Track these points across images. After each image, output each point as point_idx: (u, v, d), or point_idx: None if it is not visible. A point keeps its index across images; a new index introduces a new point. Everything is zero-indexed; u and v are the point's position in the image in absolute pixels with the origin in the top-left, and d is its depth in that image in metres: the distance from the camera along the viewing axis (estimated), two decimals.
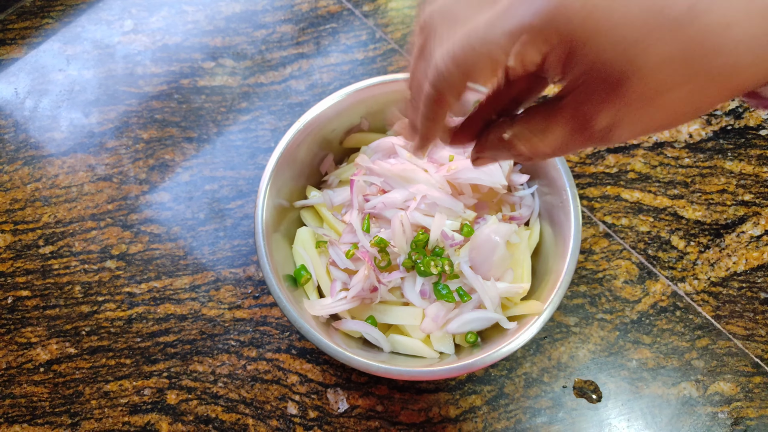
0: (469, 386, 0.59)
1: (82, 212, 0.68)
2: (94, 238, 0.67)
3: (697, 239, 0.65)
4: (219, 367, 0.61)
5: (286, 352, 0.61)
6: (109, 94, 0.75)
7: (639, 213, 0.66)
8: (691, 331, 0.61)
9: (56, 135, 0.72)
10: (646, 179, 0.67)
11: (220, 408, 0.59)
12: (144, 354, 0.62)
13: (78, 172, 0.70)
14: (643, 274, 0.63)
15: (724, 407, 0.58)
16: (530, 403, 0.59)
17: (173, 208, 0.68)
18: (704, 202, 0.66)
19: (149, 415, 0.59)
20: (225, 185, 0.69)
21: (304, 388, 0.60)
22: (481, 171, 0.53)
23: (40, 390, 0.61)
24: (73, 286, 0.65)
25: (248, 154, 0.71)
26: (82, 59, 0.77)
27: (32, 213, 0.68)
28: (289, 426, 0.58)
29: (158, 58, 0.76)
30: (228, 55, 0.76)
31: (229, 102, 0.73)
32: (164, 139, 0.72)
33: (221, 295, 0.64)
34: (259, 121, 0.72)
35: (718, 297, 0.62)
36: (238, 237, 0.67)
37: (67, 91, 0.75)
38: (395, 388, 0.59)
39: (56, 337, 0.63)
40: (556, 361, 0.60)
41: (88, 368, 0.61)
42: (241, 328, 0.62)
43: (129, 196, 0.69)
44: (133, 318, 0.63)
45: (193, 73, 0.75)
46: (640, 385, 0.59)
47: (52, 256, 0.66)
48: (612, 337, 0.61)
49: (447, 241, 0.51)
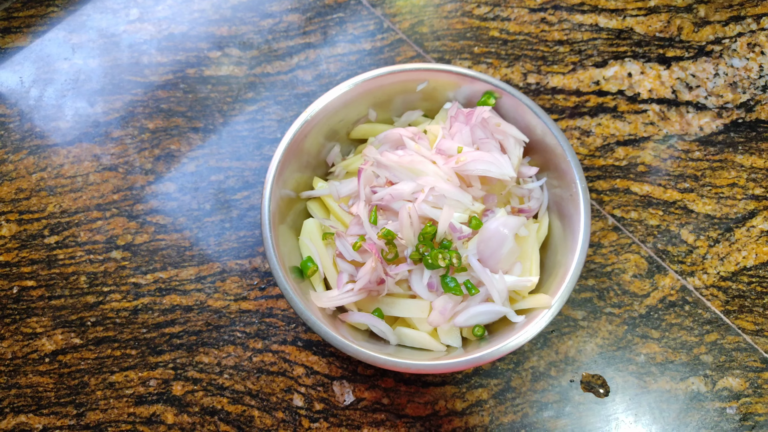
0: (475, 379, 0.59)
1: (88, 202, 0.68)
2: (99, 228, 0.67)
3: (707, 233, 0.64)
4: (225, 358, 0.61)
5: (292, 344, 0.61)
6: (114, 83, 0.74)
7: (648, 206, 0.65)
8: (700, 326, 0.61)
9: (61, 124, 0.72)
10: (655, 172, 0.67)
11: (226, 399, 0.59)
12: (149, 345, 0.61)
13: (83, 161, 0.70)
14: (652, 268, 0.63)
15: (733, 403, 0.58)
16: (537, 397, 0.58)
17: (179, 199, 0.68)
18: (714, 195, 0.66)
19: (155, 406, 0.59)
20: (231, 176, 0.69)
21: (310, 380, 0.60)
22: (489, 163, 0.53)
23: (45, 380, 0.61)
24: (78, 277, 0.65)
25: (254, 144, 0.70)
26: (88, 48, 0.76)
27: (37, 203, 0.68)
28: (295, 418, 0.58)
29: (164, 47, 0.76)
30: (234, 45, 0.75)
31: (235, 92, 0.73)
32: (170, 129, 0.71)
33: (227, 286, 0.64)
34: (265, 111, 0.72)
35: (728, 292, 0.62)
36: (244, 228, 0.66)
37: (72, 80, 0.75)
38: (401, 380, 0.59)
39: (61, 328, 0.63)
40: (564, 355, 0.60)
41: (93, 359, 0.61)
42: (247, 320, 0.62)
43: (134, 187, 0.68)
44: (139, 309, 0.63)
45: (199, 63, 0.74)
46: (648, 380, 0.59)
47: (58, 246, 0.66)
48: (620, 331, 0.60)
49: (455, 233, 0.51)
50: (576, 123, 0.69)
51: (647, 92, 0.70)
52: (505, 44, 0.74)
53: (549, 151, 0.55)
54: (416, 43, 0.74)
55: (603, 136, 0.68)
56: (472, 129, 0.54)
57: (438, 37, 0.75)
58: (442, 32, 0.75)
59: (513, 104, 0.56)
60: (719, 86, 0.70)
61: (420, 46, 0.74)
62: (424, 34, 0.75)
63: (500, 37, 0.74)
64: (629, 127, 0.69)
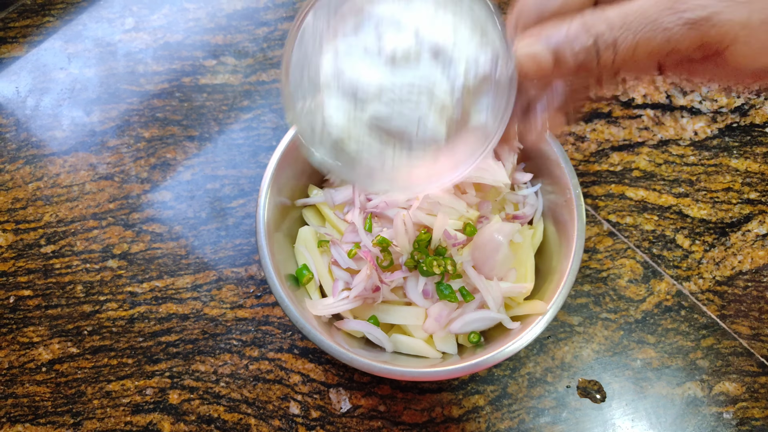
0: (472, 386, 0.59)
1: (84, 211, 0.68)
2: (95, 238, 0.67)
3: (702, 238, 0.64)
4: (221, 366, 0.61)
5: (288, 351, 0.61)
6: (110, 92, 0.74)
7: (644, 211, 0.65)
8: (696, 331, 0.61)
9: (57, 134, 0.72)
10: (650, 177, 0.67)
11: (222, 408, 0.59)
12: (146, 354, 0.61)
13: (79, 171, 0.70)
14: (648, 273, 0.63)
15: (730, 407, 0.58)
16: (534, 403, 0.58)
17: (175, 207, 0.68)
18: (709, 200, 0.66)
19: (151, 415, 0.59)
20: (227, 184, 0.69)
21: (306, 388, 0.60)
22: (483, 170, 0.53)
23: (42, 390, 0.61)
24: (74, 286, 0.65)
25: (250, 152, 0.70)
26: (84, 57, 0.77)
27: (34, 212, 0.68)
28: (292, 426, 0.58)
29: (159, 56, 0.76)
30: (229, 53, 0.76)
31: (230, 100, 0.73)
32: (166, 138, 0.71)
33: (223, 294, 0.64)
34: (260, 119, 0.72)
35: (724, 296, 0.62)
36: (240, 236, 0.66)
37: (68, 90, 0.75)
38: (398, 387, 0.59)
39: (58, 337, 0.63)
40: (560, 360, 0.60)
41: (90, 368, 0.61)
42: (243, 328, 0.62)
43: (131, 195, 0.68)
44: (135, 317, 0.63)
45: (195, 71, 0.75)
46: (644, 385, 0.59)
47: (54, 255, 0.66)
48: (616, 336, 0.60)
49: (450, 240, 0.51)
50: (570, 128, 0.69)
51: (641, 97, 0.70)
52: None
53: (543, 157, 0.55)
54: None
55: (598, 142, 0.69)
56: None
57: None
58: None
59: None
60: (713, 90, 0.70)
61: None
62: None
63: None
64: (624, 132, 0.69)
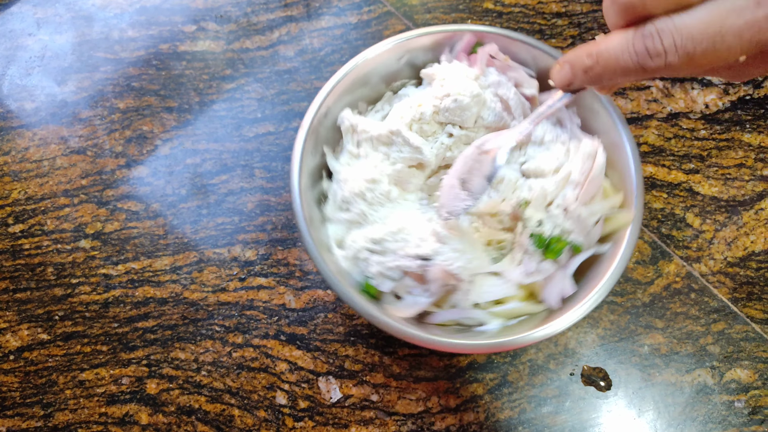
0: (470, 374, 0.56)
1: (55, 188, 0.64)
2: (67, 216, 0.63)
3: (713, 216, 0.61)
4: (202, 354, 0.57)
5: (274, 338, 0.57)
6: (83, 60, 0.70)
7: (652, 188, 0.62)
8: (707, 315, 0.58)
9: (26, 105, 0.68)
10: (659, 152, 0.63)
11: (204, 398, 0.56)
12: (122, 340, 0.58)
13: (50, 144, 0.66)
14: (656, 254, 0.60)
15: (741, 396, 0.55)
16: (535, 391, 0.55)
17: (152, 184, 0.64)
18: (721, 176, 0.62)
19: (128, 406, 0.56)
20: (208, 159, 0.65)
21: (293, 377, 0.56)
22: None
23: (9, 379, 0.57)
24: (45, 268, 0.61)
25: (233, 125, 0.66)
26: (54, 23, 0.72)
27: (0, 189, 0.64)
28: (278, 417, 0.55)
29: (136, 22, 0.71)
30: (210, 18, 0.71)
31: (212, 69, 0.68)
32: (142, 109, 0.67)
33: (204, 277, 0.60)
34: (244, 89, 0.67)
35: (735, 278, 0.59)
36: (223, 214, 0.62)
37: (38, 57, 0.70)
38: (391, 376, 0.56)
39: (27, 323, 0.59)
40: (563, 346, 0.57)
41: (61, 356, 0.58)
42: (226, 313, 0.58)
43: (104, 171, 0.64)
44: (110, 302, 0.59)
45: (173, 38, 0.70)
46: (652, 372, 0.56)
47: (23, 235, 0.62)
48: (623, 321, 0.57)
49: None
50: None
51: None
52: (500, 17, 0.69)
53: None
54: (405, 16, 0.70)
55: None
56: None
57: (428, 10, 0.70)
58: (433, 4, 0.71)
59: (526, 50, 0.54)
60: None
61: (410, 19, 0.70)
62: (414, 6, 0.70)
63: (495, 9, 0.70)
64: (632, 104, 0.65)
